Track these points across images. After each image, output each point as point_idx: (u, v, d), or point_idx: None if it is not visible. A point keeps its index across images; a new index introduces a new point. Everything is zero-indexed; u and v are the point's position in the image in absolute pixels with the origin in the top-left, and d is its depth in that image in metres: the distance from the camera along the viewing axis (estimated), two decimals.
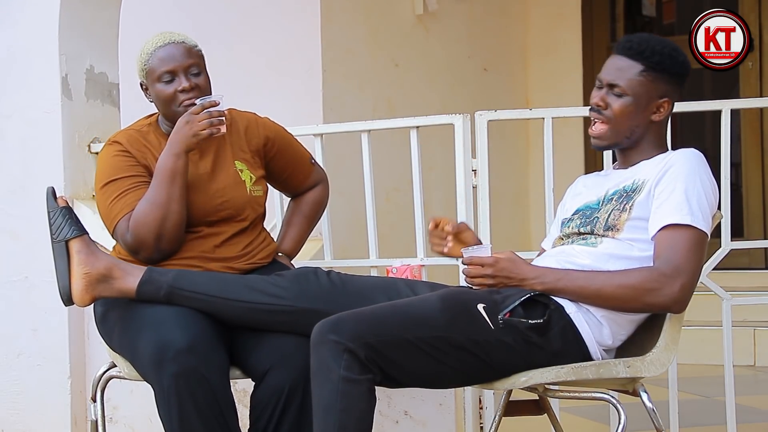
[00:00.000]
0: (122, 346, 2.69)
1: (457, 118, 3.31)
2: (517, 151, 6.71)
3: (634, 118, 2.53)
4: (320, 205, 3.10)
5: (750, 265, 6.26)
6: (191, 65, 2.79)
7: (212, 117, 2.70)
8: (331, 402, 2.27)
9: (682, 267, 2.39)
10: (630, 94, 2.51)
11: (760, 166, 6.59)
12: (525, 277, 2.46)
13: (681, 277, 2.39)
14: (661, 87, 2.53)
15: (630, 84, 2.51)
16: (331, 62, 5.25)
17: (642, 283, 2.39)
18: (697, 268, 2.42)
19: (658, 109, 2.55)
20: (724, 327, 3.36)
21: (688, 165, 2.48)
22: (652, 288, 2.39)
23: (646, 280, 2.39)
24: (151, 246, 2.69)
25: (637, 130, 2.55)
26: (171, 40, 2.80)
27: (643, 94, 2.52)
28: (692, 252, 2.41)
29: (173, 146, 2.71)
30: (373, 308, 2.40)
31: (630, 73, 2.51)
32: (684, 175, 2.45)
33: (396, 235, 4.48)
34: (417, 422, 3.34)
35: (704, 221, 2.43)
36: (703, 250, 2.45)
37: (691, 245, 2.41)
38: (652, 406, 2.48)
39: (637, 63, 2.51)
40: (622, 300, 2.42)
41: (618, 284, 2.41)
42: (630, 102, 2.52)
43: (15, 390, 3.87)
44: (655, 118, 2.55)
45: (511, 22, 6.86)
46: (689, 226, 2.41)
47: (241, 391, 3.32)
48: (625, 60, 2.53)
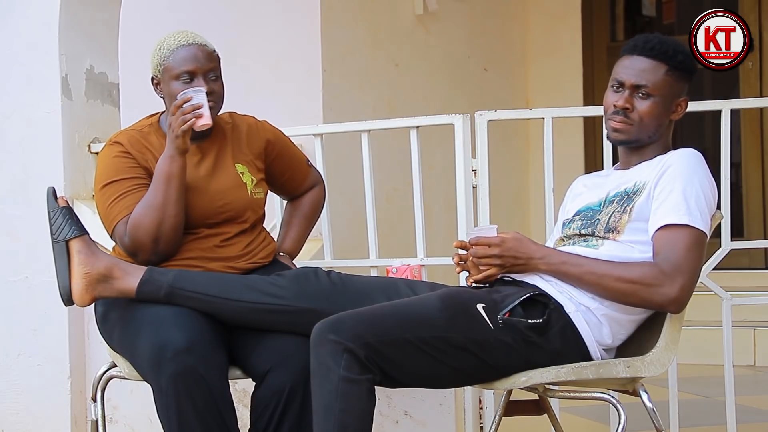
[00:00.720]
0: (122, 346, 2.69)
1: (457, 118, 3.31)
2: (517, 151, 6.71)
3: (660, 118, 2.55)
4: (318, 207, 3.10)
5: (750, 265, 6.26)
6: (210, 69, 2.79)
7: (184, 113, 2.68)
8: (330, 402, 2.27)
9: (682, 266, 2.39)
10: (657, 94, 2.52)
11: (760, 166, 6.59)
12: (531, 256, 2.47)
13: (680, 277, 2.39)
14: (682, 86, 2.56)
15: (657, 85, 2.52)
16: (331, 62, 5.25)
17: (642, 279, 2.40)
18: (696, 267, 2.42)
19: (677, 108, 2.57)
20: (724, 327, 3.35)
21: (687, 165, 2.48)
22: (651, 284, 2.39)
23: (646, 275, 2.40)
24: (149, 249, 2.69)
25: (660, 129, 2.56)
26: (194, 41, 2.79)
27: (669, 94, 2.54)
28: (691, 251, 2.41)
29: (168, 149, 2.72)
30: (372, 308, 2.40)
31: (656, 74, 2.52)
32: (682, 175, 2.45)
33: (396, 235, 4.48)
34: (417, 422, 3.34)
35: (703, 221, 2.43)
36: (702, 249, 2.46)
37: (690, 245, 2.41)
38: (652, 406, 2.48)
39: (662, 63, 2.52)
40: (622, 293, 2.42)
41: (619, 276, 2.41)
42: (658, 102, 2.53)
43: (15, 390, 3.86)
44: (674, 117, 2.58)
45: (511, 22, 6.86)
46: (688, 226, 2.41)
47: (241, 390, 3.32)
48: (648, 61, 2.52)
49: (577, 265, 2.45)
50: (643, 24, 7.33)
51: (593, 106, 3.56)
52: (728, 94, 6.61)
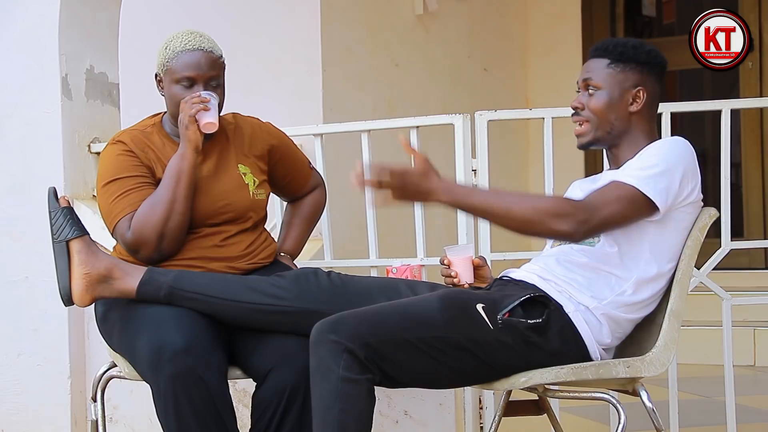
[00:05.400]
0: (121, 346, 2.69)
1: (457, 118, 3.31)
2: (517, 151, 6.71)
3: (612, 111, 2.56)
4: (319, 208, 3.11)
5: (750, 265, 6.26)
6: (212, 77, 2.78)
7: (193, 103, 2.70)
8: (330, 402, 2.27)
9: (599, 208, 2.38)
10: (602, 87, 2.57)
11: (760, 166, 6.60)
12: (431, 189, 2.40)
13: (594, 214, 2.36)
14: (631, 77, 2.57)
15: (600, 77, 2.58)
16: (331, 62, 5.25)
17: (553, 208, 2.36)
18: (613, 215, 2.38)
19: (634, 99, 2.57)
20: (724, 327, 3.35)
21: (661, 145, 2.50)
22: (560, 214, 2.35)
23: (557, 206, 2.37)
24: (152, 245, 2.69)
25: (617, 123, 2.57)
26: (200, 46, 2.78)
27: (615, 84, 2.57)
28: (617, 202, 2.39)
29: (180, 146, 2.73)
30: (372, 308, 2.40)
31: (599, 68, 2.59)
32: (651, 151, 2.48)
33: (396, 235, 4.48)
34: (417, 422, 3.34)
35: (649, 187, 2.40)
36: (633, 207, 2.41)
37: (619, 196, 2.40)
38: (652, 406, 2.48)
39: (603, 58, 2.60)
40: (529, 222, 2.37)
41: (529, 206, 2.38)
42: (604, 95, 2.57)
43: (15, 390, 3.86)
44: (633, 108, 2.57)
45: (511, 22, 6.86)
46: (630, 186, 2.40)
47: (241, 390, 3.32)
48: (594, 60, 2.62)
49: (484, 195, 2.43)
50: (643, 24, 7.34)
51: None
52: (728, 94, 6.61)
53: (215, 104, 2.75)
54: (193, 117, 2.70)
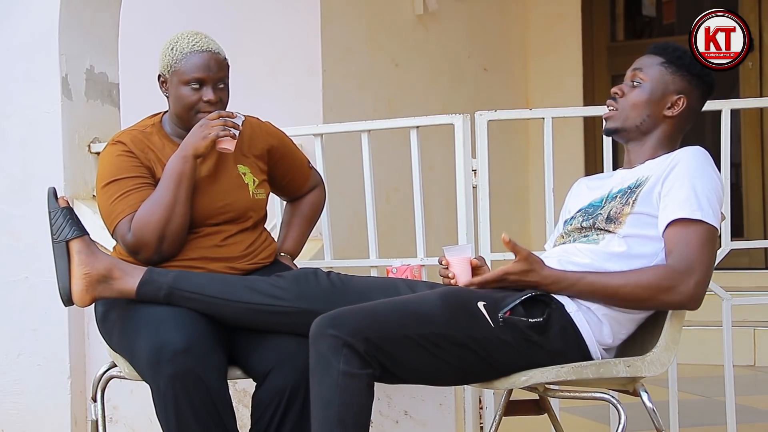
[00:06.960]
0: (121, 346, 2.69)
1: (457, 118, 3.31)
2: (517, 151, 6.71)
3: (648, 107, 2.59)
4: (318, 208, 3.11)
5: (750, 265, 6.26)
6: (220, 78, 2.79)
7: (227, 125, 2.72)
8: (330, 396, 2.26)
9: (696, 263, 2.40)
10: (647, 81, 2.59)
11: (760, 166, 6.60)
12: (536, 283, 2.46)
13: (695, 274, 2.40)
14: (678, 82, 2.60)
15: (649, 72, 2.61)
16: (331, 62, 5.25)
17: (658, 282, 2.40)
18: (710, 263, 2.43)
19: (673, 104, 2.59)
20: (724, 327, 3.36)
21: (696, 161, 2.49)
22: (667, 286, 2.40)
23: (661, 278, 2.40)
24: (153, 247, 2.69)
25: (647, 120, 2.59)
26: (208, 48, 2.78)
27: (660, 83, 2.59)
28: (705, 247, 2.42)
29: (183, 149, 2.72)
30: (372, 304, 2.40)
31: (651, 63, 2.62)
32: (691, 172, 2.47)
33: (396, 235, 4.49)
34: (417, 422, 3.34)
35: (714, 216, 2.44)
36: (714, 245, 2.47)
37: (703, 240, 2.42)
38: (652, 406, 2.48)
39: (658, 56, 2.62)
40: (639, 299, 2.43)
41: (635, 284, 2.42)
42: (646, 89, 2.59)
43: (15, 390, 3.87)
44: (668, 113, 2.59)
45: (511, 22, 6.86)
46: (699, 221, 2.42)
47: (241, 390, 3.32)
48: (650, 56, 2.64)
49: (590, 283, 2.45)
50: (643, 24, 7.34)
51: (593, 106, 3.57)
52: (728, 94, 6.60)
53: (239, 127, 2.76)
54: (216, 137, 2.71)
